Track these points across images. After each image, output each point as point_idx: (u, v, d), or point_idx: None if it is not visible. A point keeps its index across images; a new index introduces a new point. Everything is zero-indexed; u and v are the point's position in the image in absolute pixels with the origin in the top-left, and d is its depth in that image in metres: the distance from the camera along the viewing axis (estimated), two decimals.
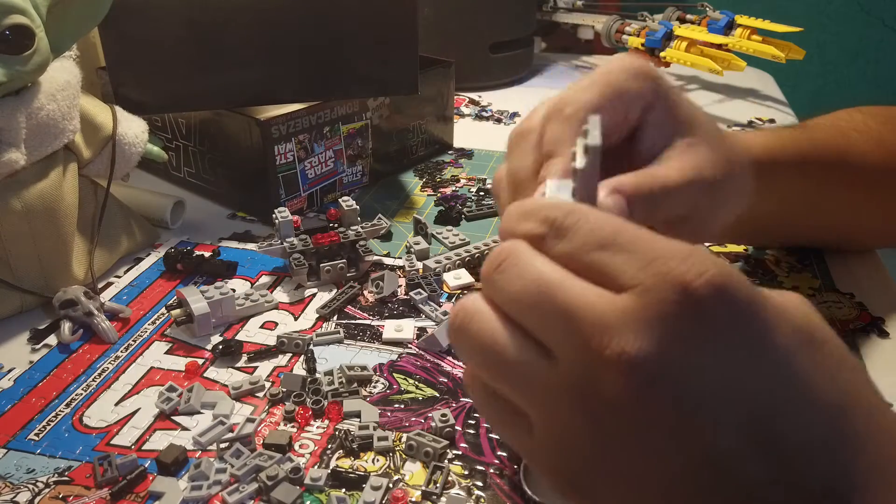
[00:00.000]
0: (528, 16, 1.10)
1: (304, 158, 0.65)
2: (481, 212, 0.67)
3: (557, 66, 1.20)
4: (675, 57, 0.93)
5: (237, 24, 0.60)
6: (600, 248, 0.25)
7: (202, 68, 0.61)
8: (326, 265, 0.55)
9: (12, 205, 0.49)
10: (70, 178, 0.53)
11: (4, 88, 0.46)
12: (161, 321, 0.52)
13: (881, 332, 0.49)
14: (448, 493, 0.37)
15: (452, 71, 0.79)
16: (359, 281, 0.56)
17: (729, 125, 0.92)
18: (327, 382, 0.45)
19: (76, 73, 0.53)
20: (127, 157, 0.58)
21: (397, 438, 0.41)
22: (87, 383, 0.46)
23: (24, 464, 0.39)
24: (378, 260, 0.59)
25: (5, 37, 0.45)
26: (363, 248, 0.56)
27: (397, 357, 0.48)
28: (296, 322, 0.52)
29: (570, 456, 0.26)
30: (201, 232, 0.64)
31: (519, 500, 0.37)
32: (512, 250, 0.27)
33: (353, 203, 0.60)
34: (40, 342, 0.49)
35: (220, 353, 0.47)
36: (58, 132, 0.50)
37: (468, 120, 0.95)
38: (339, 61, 0.63)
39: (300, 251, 0.55)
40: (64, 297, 0.50)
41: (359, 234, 0.57)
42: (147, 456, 0.40)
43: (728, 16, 0.93)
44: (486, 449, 0.40)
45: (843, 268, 0.56)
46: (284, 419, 0.42)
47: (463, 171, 0.77)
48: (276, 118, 0.61)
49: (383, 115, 0.72)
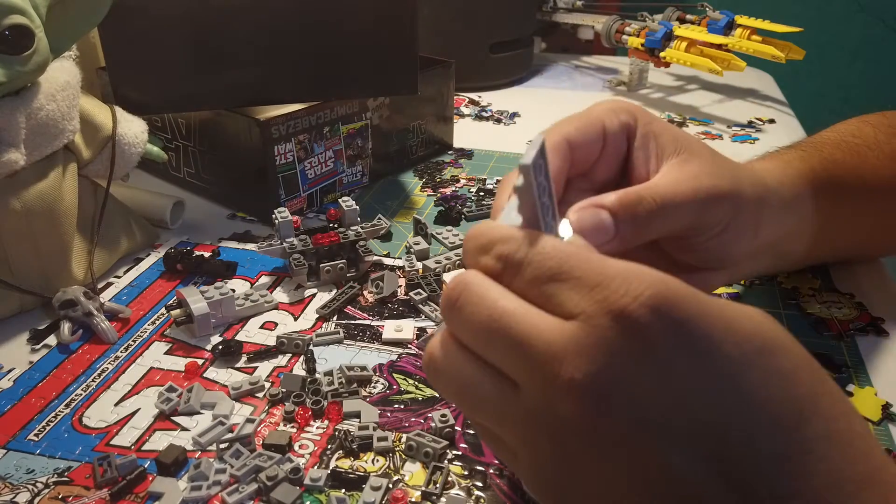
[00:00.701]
0: (528, 16, 1.10)
1: (304, 158, 0.65)
2: (481, 212, 0.67)
3: (557, 67, 1.20)
4: (675, 57, 0.93)
5: (237, 24, 0.60)
6: (549, 279, 0.26)
7: (202, 68, 0.61)
8: (326, 265, 0.55)
9: (12, 205, 0.49)
10: (70, 179, 0.53)
11: (4, 89, 0.46)
12: (161, 321, 0.52)
13: (881, 332, 0.49)
14: (448, 493, 0.37)
15: (452, 71, 0.79)
16: (358, 281, 0.56)
17: (729, 125, 0.92)
18: (327, 383, 0.45)
19: (76, 73, 0.53)
20: (127, 158, 0.58)
21: (397, 439, 0.41)
22: (86, 384, 0.46)
23: (23, 464, 0.39)
24: (378, 260, 0.59)
25: (5, 37, 0.45)
26: (363, 249, 0.56)
27: (397, 357, 0.48)
28: (296, 322, 0.52)
29: (549, 478, 0.27)
30: (201, 232, 0.64)
31: (519, 501, 0.37)
32: (466, 284, 0.28)
33: (353, 203, 0.60)
34: (40, 342, 0.49)
35: (220, 353, 0.47)
36: (57, 132, 0.50)
37: (468, 120, 0.95)
38: (338, 61, 0.63)
39: (300, 251, 0.55)
40: (64, 298, 0.50)
41: (359, 234, 0.57)
42: (147, 456, 0.40)
43: (728, 16, 0.93)
44: (485, 449, 0.40)
45: (843, 268, 0.56)
46: (284, 419, 0.42)
47: (463, 171, 0.77)
48: (276, 118, 0.61)
49: (383, 115, 0.72)
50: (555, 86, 1.11)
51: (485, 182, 0.74)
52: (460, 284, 0.28)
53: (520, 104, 1.01)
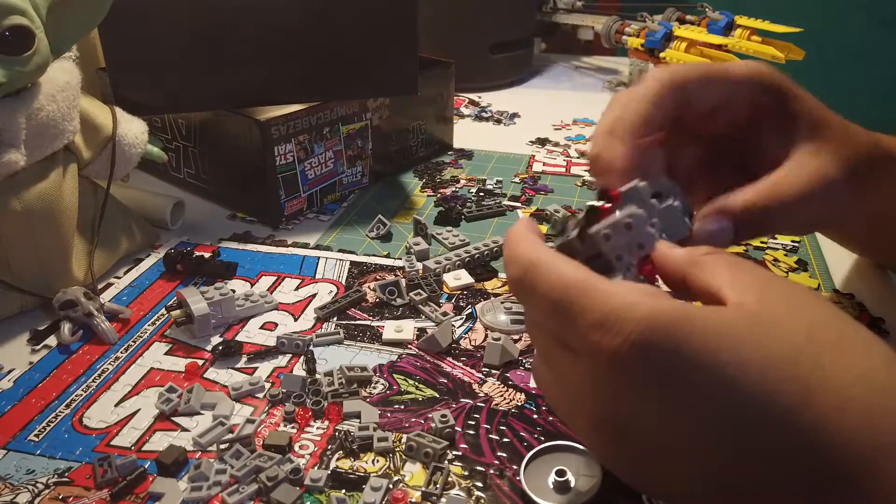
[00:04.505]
0: (528, 16, 1.10)
1: (304, 159, 0.65)
2: (481, 212, 0.67)
3: (557, 67, 1.20)
4: (675, 58, 0.93)
5: (237, 24, 0.60)
6: (552, 314, 0.29)
7: (202, 69, 0.61)
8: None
9: (12, 205, 0.49)
10: (70, 179, 0.53)
11: (4, 89, 0.46)
12: (161, 322, 0.52)
13: (881, 332, 0.49)
14: (448, 493, 0.37)
15: (452, 71, 0.79)
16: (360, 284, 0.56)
17: None
18: (327, 383, 0.45)
19: (76, 73, 0.53)
20: (127, 158, 0.58)
21: (397, 439, 0.41)
22: (86, 384, 0.46)
23: (23, 465, 0.39)
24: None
25: (5, 37, 0.45)
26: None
27: (397, 358, 0.48)
28: (296, 323, 0.52)
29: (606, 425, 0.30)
30: (201, 232, 0.64)
31: (519, 501, 0.37)
32: (531, 264, 0.30)
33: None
34: (40, 343, 0.49)
35: (220, 353, 0.47)
36: (58, 133, 0.50)
37: (468, 120, 0.95)
38: (338, 62, 0.63)
39: None
40: (64, 298, 0.50)
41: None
42: (147, 457, 0.40)
43: (728, 16, 0.93)
44: (486, 450, 0.40)
45: (843, 268, 0.56)
46: (284, 420, 0.42)
47: (463, 171, 0.77)
48: (275, 119, 0.61)
49: (383, 115, 0.72)
50: (555, 86, 1.11)
51: (485, 182, 0.74)
52: (523, 266, 0.30)
53: (520, 105, 1.01)
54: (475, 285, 0.56)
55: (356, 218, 0.67)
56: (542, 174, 0.77)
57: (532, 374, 0.43)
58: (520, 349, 0.48)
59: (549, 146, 0.85)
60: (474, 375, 0.46)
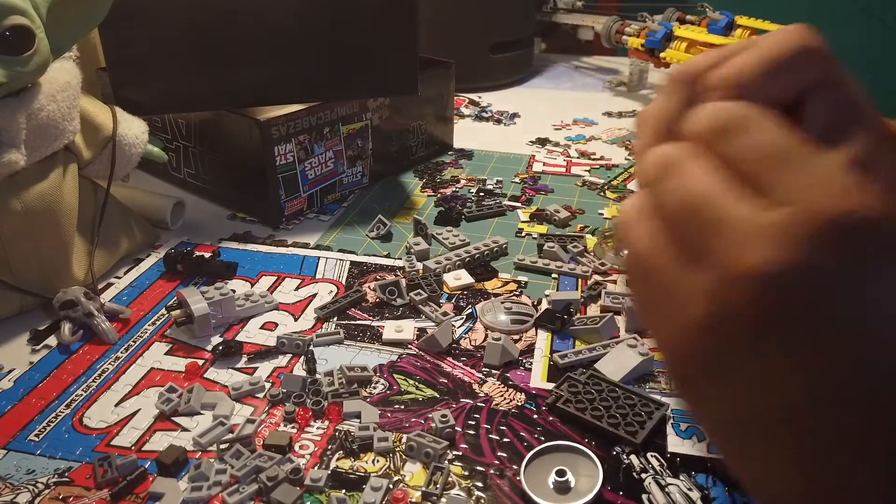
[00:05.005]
0: (528, 16, 1.10)
1: (304, 159, 0.65)
2: (481, 212, 0.67)
3: (557, 67, 1.20)
4: (675, 58, 0.93)
5: (237, 24, 0.60)
6: (765, 159, 0.25)
7: (202, 69, 0.61)
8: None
9: (12, 205, 0.49)
10: (70, 179, 0.53)
11: (4, 89, 0.46)
12: (161, 322, 0.52)
13: None
14: (448, 493, 0.37)
15: (452, 71, 0.79)
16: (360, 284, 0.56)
17: None
18: (327, 383, 0.45)
19: (76, 73, 0.53)
20: (127, 158, 0.58)
21: (397, 439, 0.41)
22: (87, 384, 0.46)
23: (24, 465, 0.39)
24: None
25: (5, 38, 0.45)
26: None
27: (397, 358, 0.48)
28: (296, 323, 0.52)
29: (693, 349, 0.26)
30: (201, 233, 0.64)
31: (519, 501, 0.37)
32: (674, 160, 0.27)
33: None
34: (40, 343, 0.49)
35: (220, 353, 0.47)
36: (58, 133, 0.50)
37: (468, 120, 0.95)
38: (338, 62, 0.63)
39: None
40: (64, 298, 0.50)
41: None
42: (147, 457, 0.40)
43: (728, 16, 0.93)
44: (486, 450, 0.40)
45: None
46: (284, 420, 0.42)
47: (463, 171, 0.77)
48: (276, 119, 0.61)
49: (383, 115, 0.72)
50: (555, 86, 1.11)
51: (485, 182, 0.74)
52: (668, 158, 0.27)
53: (520, 104, 1.01)
54: (475, 285, 0.56)
55: (356, 218, 0.67)
56: (543, 174, 0.77)
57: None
58: (520, 349, 0.48)
59: (550, 146, 0.85)
60: (474, 375, 0.46)
